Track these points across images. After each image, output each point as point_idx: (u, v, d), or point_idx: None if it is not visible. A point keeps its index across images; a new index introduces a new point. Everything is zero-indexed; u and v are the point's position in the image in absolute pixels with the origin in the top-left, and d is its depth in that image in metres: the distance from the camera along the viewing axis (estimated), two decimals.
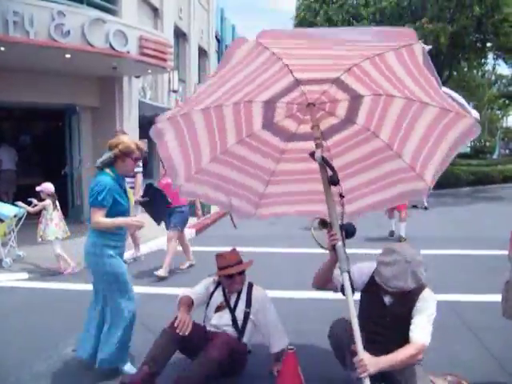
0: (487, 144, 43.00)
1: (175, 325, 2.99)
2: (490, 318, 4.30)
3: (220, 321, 3.28)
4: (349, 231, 2.79)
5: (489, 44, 18.98)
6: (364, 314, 2.88)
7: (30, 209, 6.17)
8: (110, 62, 8.36)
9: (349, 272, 2.66)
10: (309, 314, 4.41)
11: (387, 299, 2.80)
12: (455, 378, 2.83)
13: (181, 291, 3.42)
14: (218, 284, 3.42)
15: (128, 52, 8.00)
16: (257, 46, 2.23)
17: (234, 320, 3.26)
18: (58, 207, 6.15)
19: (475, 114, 2.64)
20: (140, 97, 11.65)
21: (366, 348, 2.60)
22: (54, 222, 5.99)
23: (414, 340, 2.62)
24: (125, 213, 3.35)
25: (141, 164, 6.73)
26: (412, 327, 2.67)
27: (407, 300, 2.71)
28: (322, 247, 2.91)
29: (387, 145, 3.05)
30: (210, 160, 3.16)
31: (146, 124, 12.48)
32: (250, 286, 3.40)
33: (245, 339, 3.28)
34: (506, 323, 4.01)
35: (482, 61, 20.65)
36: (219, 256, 3.37)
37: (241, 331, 3.26)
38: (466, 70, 22.23)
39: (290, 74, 2.51)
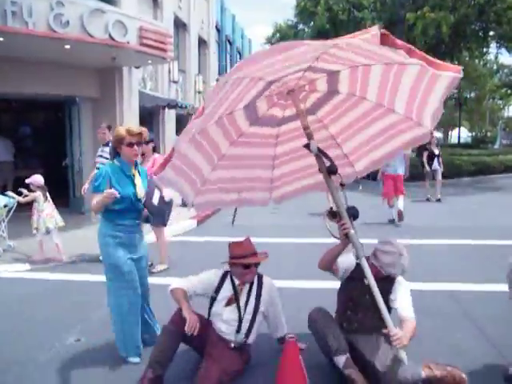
0: (488, 134, 42.94)
1: (186, 329, 2.94)
2: (489, 307, 4.33)
3: (230, 315, 3.23)
4: (354, 215, 2.97)
5: (491, 33, 18.81)
6: (346, 296, 3.28)
7: (21, 199, 6.23)
8: (110, 53, 8.30)
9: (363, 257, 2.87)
10: (308, 303, 4.41)
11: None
12: (454, 369, 2.87)
13: (175, 282, 3.35)
14: (223, 276, 3.32)
15: (128, 42, 7.93)
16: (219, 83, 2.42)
17: (240, 321, 3.21)
18: (49, 198, 6.17)
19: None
20: (140, 87, 11.61)
21: (347, 326, 3.14)
22: (45, 213, 6.02)
23: (409, 317, 3.04)
24: (125, 200, 3.30)
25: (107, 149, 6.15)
26: (400, 306, 3.10)
27: (385, 282, 3.15)
28: (335, 237, 3.00)
29: (377, 104, 3.13)
30: (211, 170, 3.27)
31: (146, 115, 12.46)
32: (260, 277, 3.36)
33: (251, 337, 3.25)
34: (506, 312, 4.04)
35: (484, 50, 20.47)
36: (234, 244, 3.27)
37: (246, 333, 3.21)
38: (467, 59, 22.08)
39: (260, 80, 2.60)
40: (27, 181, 6.10)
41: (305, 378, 2.89)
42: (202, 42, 18.35)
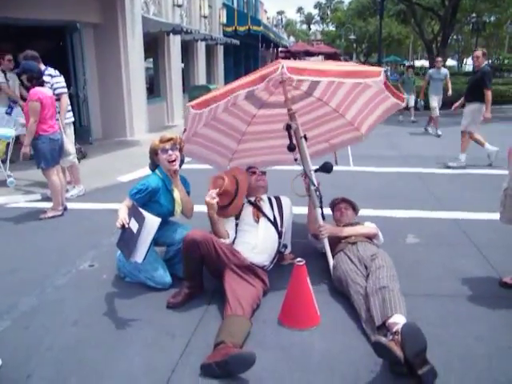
0: (506, 61, 41.06)
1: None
2: (495, 236, 4.38)
3: (265, 231, 3.44)
4: (328, 170, 3.53)
5: None
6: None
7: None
8: None
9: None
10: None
11: None
12: None
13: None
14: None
15: None
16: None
17: (275, 220, 3.54)
18: None
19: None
20: (143, 12, 11.11)
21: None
22: None
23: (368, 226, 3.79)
24: (165, 214, 3.47)
25: (64, 83, 5.96)
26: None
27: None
28: (299, 196, 3.64)
29: (334, 109, 4.13)
30: (237, 144, 4.28)
31: (151, 41, 12.01)
32: (277, 197, 3.75)
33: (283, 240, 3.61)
34: (510, 241, 4.10)
35: None
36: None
37: (279, 232, 3.53)
38: None
39: (243, 89, 3.03)
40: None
41: (313, 303, 2.96)
42: None
